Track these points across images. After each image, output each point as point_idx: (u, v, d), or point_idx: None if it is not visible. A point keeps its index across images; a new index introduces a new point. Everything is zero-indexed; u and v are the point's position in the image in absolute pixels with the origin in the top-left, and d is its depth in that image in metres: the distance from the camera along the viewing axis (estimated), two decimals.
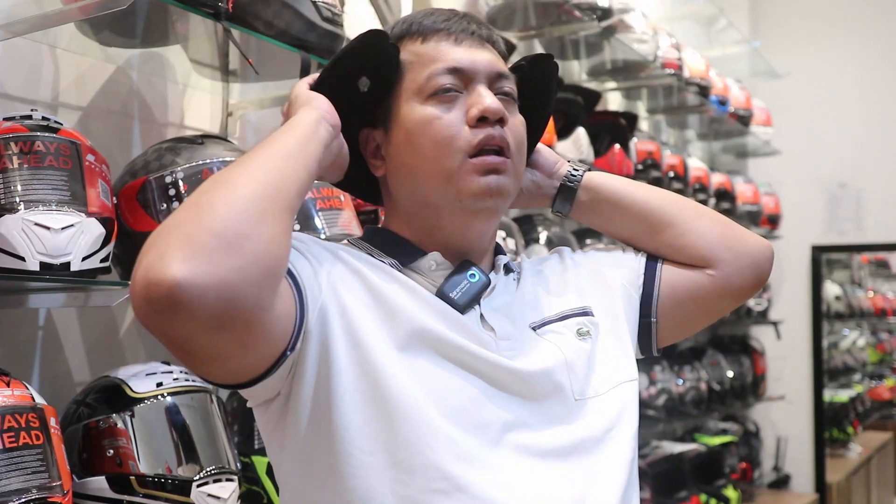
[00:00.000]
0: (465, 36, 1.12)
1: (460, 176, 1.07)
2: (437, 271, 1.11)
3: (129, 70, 1.92)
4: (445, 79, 1.09)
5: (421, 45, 1.12)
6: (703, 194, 4.02)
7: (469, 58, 1.11)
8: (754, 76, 5.16)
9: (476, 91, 1.09)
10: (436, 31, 1.12)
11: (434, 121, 1.08)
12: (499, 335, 1.09)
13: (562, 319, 1.16)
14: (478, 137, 1.07)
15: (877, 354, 8.39)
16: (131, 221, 1.56)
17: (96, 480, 1.48)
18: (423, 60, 1.11)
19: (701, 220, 1.26)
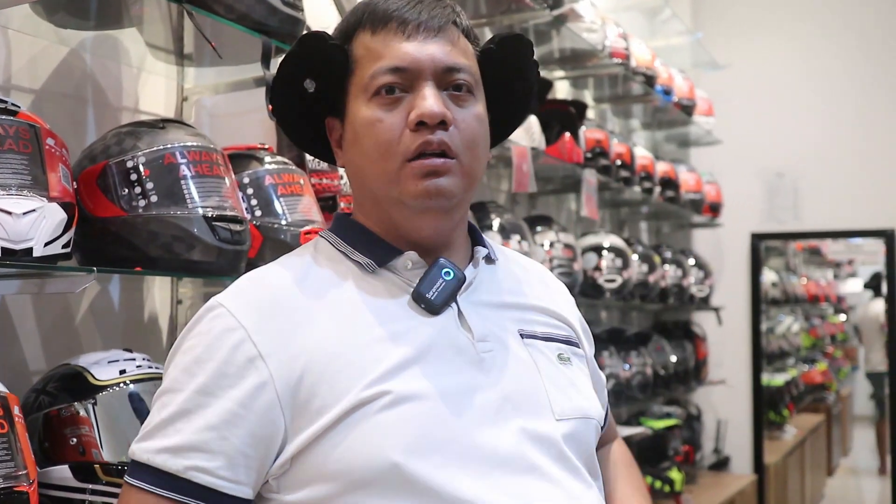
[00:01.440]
0: (414, 28, 1.07)
1: (400, 179, 1.06)
2: (412, 270, 1.10)
3: (83, 53, 1.88)
4: (387, 78, 1.06)
5: (371, 38, 1.09)
6: (649, 182, 4.08)
7: (414, 55, 1.06)
8: (696, 67, 5.26)
9: (419, 92, 1.06)
10: (386, 23, 1.08)
11: (375, 123, 1.07)
12: (476, 336, 1.09)
13: (546, 340, 1.16)
14: (416, 143, 1.05)
15: (809, 339, 8.65)
16: (91, 207, 1.54)
17: (59, 469, 1.45)
18: (370, 56, 1.08)
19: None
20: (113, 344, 1.89)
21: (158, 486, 0.99)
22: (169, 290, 2.06)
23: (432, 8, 1.09)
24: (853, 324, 10.67)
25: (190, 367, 1.03)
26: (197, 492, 0.98)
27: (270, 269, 1.14)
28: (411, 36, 1.07)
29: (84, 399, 1.49)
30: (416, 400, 1.01)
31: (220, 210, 1.57)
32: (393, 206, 1.09)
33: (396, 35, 1.07)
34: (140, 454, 1.01)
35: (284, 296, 1.07)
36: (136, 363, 1.56)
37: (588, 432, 1.13)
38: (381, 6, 1.10)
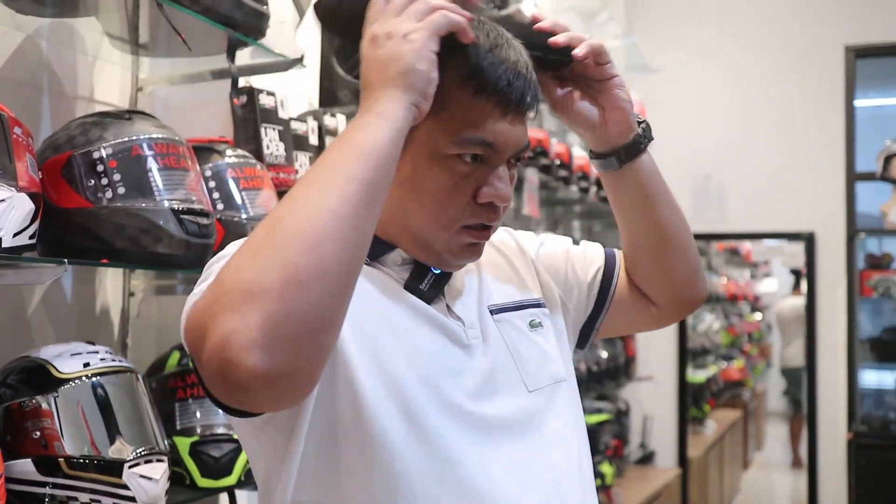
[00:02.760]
0: (513, 108, 1.05)
1: (449, 237, 1.09)
2: (401, 266, 1.13)
3: (39, 40, 1.85)
4: (476, 149, 1.05)
5: (471, 98, 1.04)
6: (585, 182, 4.16)
7: (507, 135, 1.06)
8: (629, 70, 5.37)
9: (496, 171, 1.07)
10: (491, 94, 1.04)
11: (448, 188, 1.06)
12: (466, 324, 1.14)
13: (518, 309, 1.21)
14: (479, 217, 1.08)
15: (728, 337, 8.91)
16: (56, 198, 1.51)
17: (21, 463, 1.43)
18: (465, 117, 1.05)
19: (692, 253, 1.31)
20: (65, 336, 1.86)
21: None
22: (121, 282, 2.04)
23: (529, 76, 1.07)
24: (768, 322, 11.04)
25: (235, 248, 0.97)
26: None
27: None
28: (509, 116, 1.05)
29: (47, 392, 1.47)
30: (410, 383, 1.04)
31: (188, 203, 1.57)
32: (424, 247, 1.11)
33: (496, 110, 1.05)
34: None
35: None
36: (100, 356, 1.54)
37: (563, 394, 1.19)
38: (486, 65, 1.03)
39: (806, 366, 5.50)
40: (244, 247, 0.86)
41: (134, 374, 1.58)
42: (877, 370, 5.38)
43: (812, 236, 5.39)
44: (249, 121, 2.01)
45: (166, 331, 2.14)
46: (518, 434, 1.11)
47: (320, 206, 0.85)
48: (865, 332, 5.27)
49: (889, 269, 5.14)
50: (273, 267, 0.82)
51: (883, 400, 5.31)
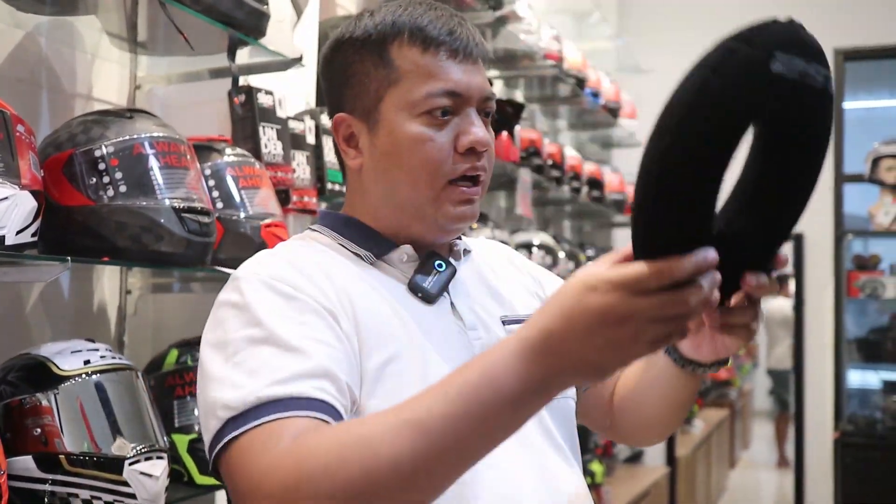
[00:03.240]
0: (464, 55, 1.10)
1: (440, 199, 1.11)
2: (407, 263, 1.14)
3: (39, 37, 1.85)
4: (443, 101, 1.09)
5: (420, 55, 1.09)
6: (577, 182, 4.19)
7: (467, 81, 1.10)
8: (620, 71, 5.40)
9: (468, 118, 1.10)
10: (438, 45, 1.09)
11: (426, 142, 1.09)
12: (467, 325, 1.14)
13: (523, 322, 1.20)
14: (463, 167, 1.10)
15: None
16: (57, 196, 1.52)
17: (22, 460, 1.44)
18: (422, 74, 1.09)
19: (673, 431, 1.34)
20: (63, 333, 1.87)
21: (277, 411, 0.89)
22: (118, 280, 2.04)
23: (475, 37, 1.13)
24: None
25: (244, 317, 0.98)
26: (323, 407, 0.92)
27: (279, 248, 1.15)
28: (462, 62, 1.10)
29: (48, 389, 1.47)
30: (420, 382, 1.02)
31: (189, 202, 1.57)
32: (421, 219, 1.12)
33: (450, 59, 1.09)
34: (245, 400, 0.91)
35: (303, 265, 1.06)
36: (100, 353, 1.55)
37: (565, 411, 1.20)
38: (425, 24, 1.10)
39: (794, 365, 5.54)
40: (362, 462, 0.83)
41: (133, 371, 1.59)
42: (863, 370, 5.43)
43: (800, 237, 5.43)
44: (248, 120, 2.02)
45: (163, 329, 2.14)
46: (525, 444, 1.09)
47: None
48: (852, 333, 5.32)
49: (876, 270, 5.18)
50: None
51: (869, 400, 5.35)
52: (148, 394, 1.60)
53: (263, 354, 0.94)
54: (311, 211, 2.19)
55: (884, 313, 5.32)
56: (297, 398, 0.90)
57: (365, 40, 1.12)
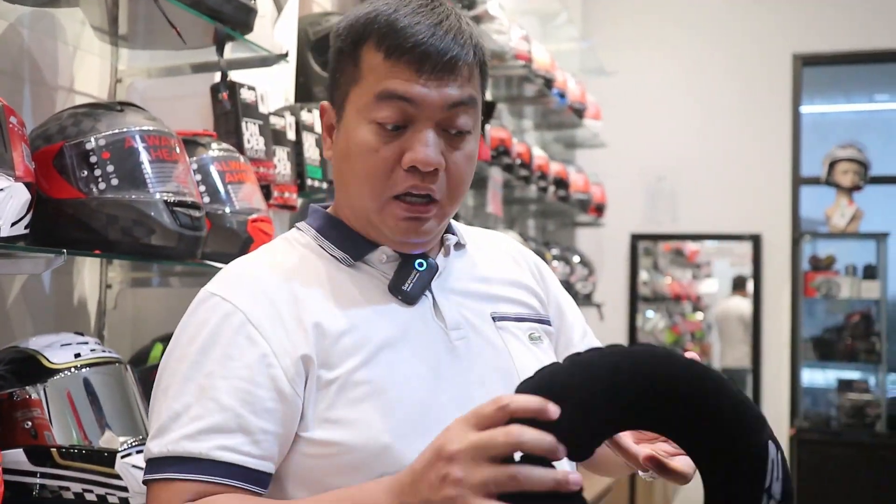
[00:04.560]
0: (429, 67, 1.04)
1: (384, 211, 1.08)
2: (387, 263, 1.13)
3: (21, 28, 1.83)
4: (391, 108, 1.05)
5: (382, 61, 1.05)
6: (544, 181, 4.23)
7: (421, 94, 1.04)
8: (584, 72, 5.46)
9: (419, 134, 1.05)
10: (400, 54, 1.04)
11: (371, 152, 1.06)
12: (449, 325, 1.12)
13: (518, 321, 1.20)
14: (405, 184, 1.06)
15: (672, 336, 9.06)
16: (47, 188, 1.51)
17: (13, 453, 1.43)
18: (377, 77, 1.05)
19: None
20: (44, 327, 1.86)
21: (183, 471, 0.99)
22: (98, 274, 2.03)
23: (452, 39, 1.05)
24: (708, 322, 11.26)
25: (191, 356, 1.04)
26: (222, 470, 0.99)
27: (254, 258, 1.15)
28: (425, 75, 1.04)
29: (38, 382, 1.46)
30: (395, 387, 1.05)
31: (180, 196, 1.57)
32: (371, 224, 1.11)
33: (410, 69, 1.04)
34: (159, 449, 1.01)
35: (272, 283, 1.09)
36: (90, 347, 1.54)
37: None
38: (398, 28, 1.05)
39: (751, 363, 5.65)
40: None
41: (123, 364, 1.58)
42: (819, 369, 5.56)
43: (758, 238, 5.54)
44: (231, 115, 2.01)
45: (142, 323, 2.13)
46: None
47: None
48: (808, 332, 5.44)
49: (831, 270, 5.30)
50: None
51: (824, 397, 5.48)
52: (137, 387, 1.59)
53: (187, 397, 1.02)
54: (292, 207, 2.20)
55: (838, 313, 5.46)
56: (199, 459, 0.99)
57: (346, 35, 1.10)
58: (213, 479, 0.99)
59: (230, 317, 1.05)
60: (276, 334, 1.04)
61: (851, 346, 5.28)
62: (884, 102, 6.86)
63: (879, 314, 5.26)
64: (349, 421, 1.03)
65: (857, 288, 5.22)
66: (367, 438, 1.03)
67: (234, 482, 0.99)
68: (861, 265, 5.26)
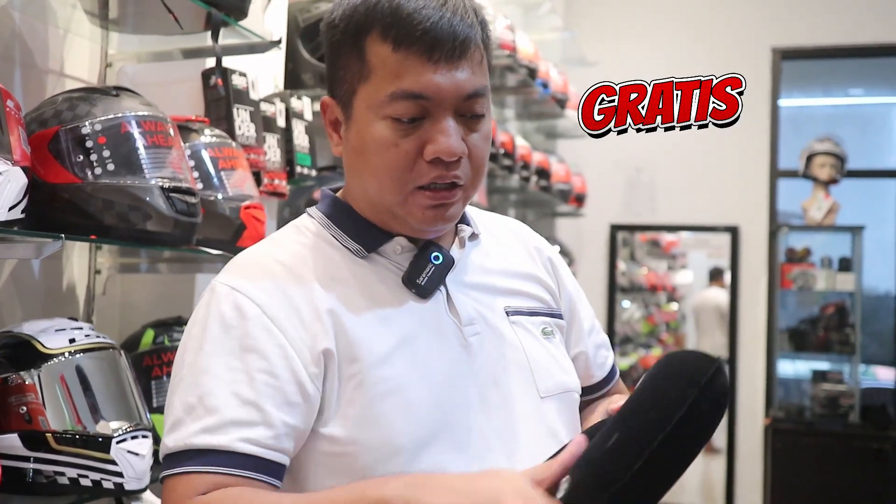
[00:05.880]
0: (441, 53, 1.01)
1: (408, 202, 1.06)
2: (401, 255, 1.11)
3: (13, 11, 1.82)
4: (407, 106, 1.02)
5: (391, 53, 1.02)
6: (526, 171, 4.24)
7: (438, 83, 1.01)
8: (566, 63, 5.47)
9: (438, 124, 1.03)
10: (411, 43, 1.01)
11: (390, 148, 1.03)
12: (463, 321, 1.11)
13: (532, 315, 1.19)
14: (430, 175, 1.04)
15: (648, 326, 9.14)
16: (42, 173, 1.50)
17: (8, 438, 1.43)
18: (389, 73, 1.02)
19: None
20: (33, 312, 1.85)
21: (204, 464, 0.97)
22: (87, 260, 2.02)
23: (459, 20, 1.02)
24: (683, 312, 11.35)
25: (208, 348, 1.02)
26: (243, 462, 0.98)
27: (265, 248, 1.13)
28: (438, 62, 1.01)
29: (33, 367, 1.46)
30: (410, 386, 1.04)
31: (175, 182, 1.57)
32: (392, 215, 1.10)
33: (422, 59, 1.01)
34: (175, 443, 0.99)
35: (285, 275, 1.07)
36: (84, 332, 1.54)
37: (571, 405, 1.19)
38: (403, 16, 1.01)
39: (728, 353, 5.71)
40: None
41: (117, 350, 1.58)
42: (793, 359, 5.63)
43: (736, 230, 5.60)
44: (222, 101, 2.01)
45: (130, 308, 2.13)
46: (528, 439, 1.09)
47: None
48: (784, 323, 5.50)
49: (807, 262, 5.36)
50: None
51: (798, 387, 5.56)
52: (131, 372, 1.59)
53: (201, 389, 1.00)
54: (281, 194, 2.19)
55: (814, 305, 5.53)
56: (219, 451, 0.97)
57: (345, 27, 1.06)
58: (234, 472, 0.97)
59: (244, 309, 1.03)
60: (292, 326, 1.03)
61: (826, 337, 5.35)
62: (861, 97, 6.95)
63: (854, 306, 5.33)
64: (368, 420, 1.02)
65: (832, 280, 5.28)
66: (384, 440, 1.03)
67: (254, 474, 0.98)
68: (836, 258, 5.33)
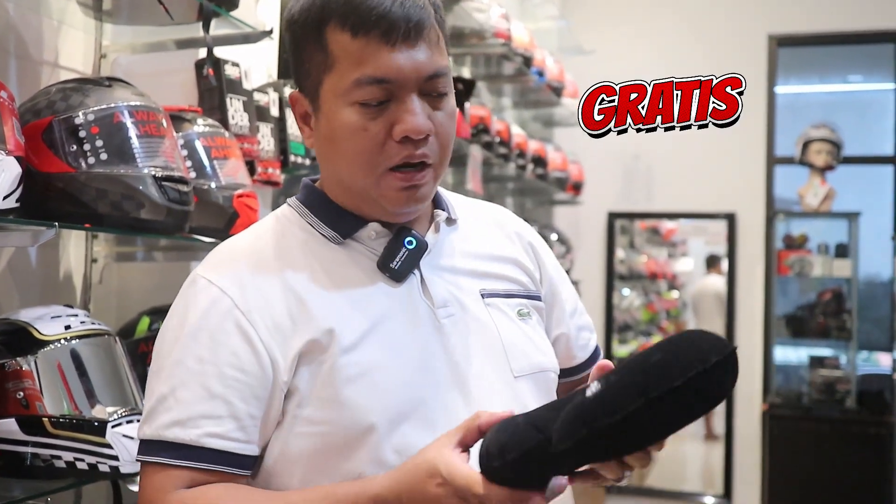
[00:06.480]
0: (399, 34, 1.05)
1: (380, 185, 1.10)
2: (376, 240, 1.15)
3: (7, 2, 1.84)
4: (372, 90, 1.06)
5: (351, 40, 1.05)
6: (522, 160, 4.26)
7: (399, 66, 1.05)
8: (562, 51, 5.48)
9: (404, 104, 1.07)
10: (369, 29, 1.04)
11: (359, 132, 1.07)
12: (436, 303, 1.14)
13: (507, 297, 1.22)
14: (400, 155, 1.08)
15: (648, 314, 9.17)
16: (36, 162, 1.52)
17: (5, 423, 1.46)
18: (351, 60, 1.06)
19: None
20: (30, 300, 1.87)
21: (175, 458, 1.04)
22: (84, 248, 2.05)
23: (411, 3, 1.06)
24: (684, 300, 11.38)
25: (181, 339, 1.07)
26: (212, 457, 1.04)
27: (244, 240, 1.17)
28: (396, 44, 1.05)
29: (29, 353, 1.49)
30: (383, 367, 1.08)
31: (168, 170, 1.59)
32: (368, 201, 1.13)
33: (380, 42, 1.05)
34: (151, 431, 1.05)
35: (262, 265, 1.11)
36: (80, 319, 1.57)
37: (547, 384, 1.22)
38: (357, 3, 1.05)
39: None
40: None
41: (112, 336, 1.61)
42: (791, 346, 5.66)
43: (733, 217, 5.62)
44: (215, 91, 2.03)
45: (127, 296, 2.15)
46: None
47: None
48: (781, 310, 5.53)
49: (804, 249, 5.39)
50: None
51: (796, 373, 5.58)
52: (127, 358, 1.62)
53: (174, 380, 1.06)
54: (275, 183, 2.22)
55: (811, 291, 5.55)
56: (189, 446, 1.04)
57: (304, 21, 1.09)
58: (202, 466, 1.04)
59: (218, 302, 1.08)
60: (263, 319, 1.07)
61: (823, 323, 5.37)
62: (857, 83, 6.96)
63: (851, 292, 5.35)
64: (339, 401, 1.06)
65: (829, 266, 5.31)
66: (355, 418, 1.06)
67: (223, 468, 1.05)
68: (833, 244, 5.35)
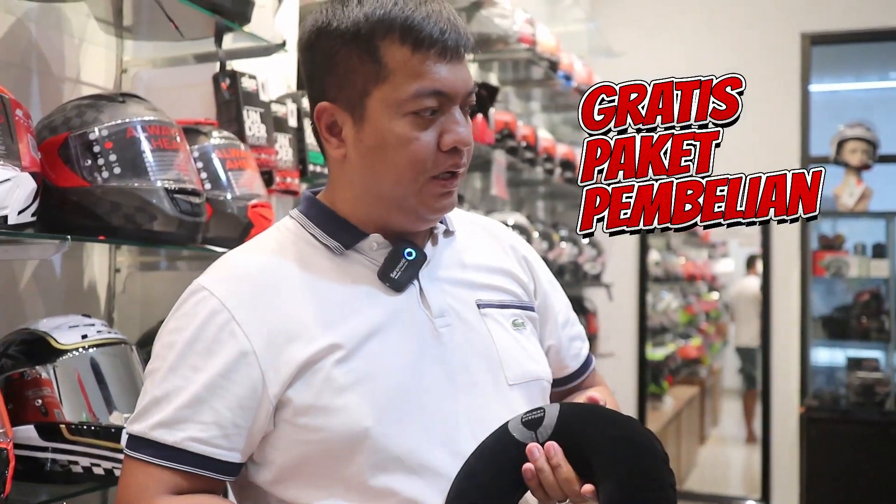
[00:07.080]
0: (452, 53, 1.12)
1: (422, 193, 1.15)
2: (377, 251, 1.19)
3: (28, 22, 1.90)
4: (430, 101, 1.12)
5: (411, 55, 1.11)
6: (550, 164, 4.27)
7: (453, 80, 1.13)
8: (592, 54, 5.48)
9: (452, 116, 1.14)
10: (430, 46, 1.11)
11: (412, 141, 1.12)
12: (434, 313, 1.19)
13: (502, 308, 1.26)
14: (446, 164, 1.14)
15: (686, 316, 9.11)
16: (53, 177, 1.58)
17: (24, 429, 1.51)
18: (410, 74, 1.11)
19: None
20: (55, 310, 1.93)
21: (158, 457, 1.08)
22: (108, 258, 2.10)
23: (462, 31, 1.14)
24: (724, 301, 11.28)
25: (178, 346, 1.11)
26: (194, 460, 1.09)
27: (246, 252, 1.21)
28: (450, 62, 1.13)
29: (47, 362, 1.54)
30: (379, 374, 1.12)
31: (180, 183, 1.64)
32: (402, 210, 1.17)
33: (439, 58, 1.12)
34: (139, 429, 1.10)
35: (262, 278, 1.15)
36: (97, 328, 1.62)
37: (540, 392, 1.25)
38: (418, 21, 1.11)
39: (761, 343, 5.68)
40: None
41: (128, 345, 1.66)
42: (828, 347, 5.58)
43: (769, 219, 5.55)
44: (232, 103, 2.08)
45: (150, 305, 2.21)
46: (495, 424, 1.14)
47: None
48: (818, 311, 5.46)
49: (841, 249, 5.32)
50: None
51: (833, 375, 5.51)
52: (142, 367, 1.67)
53: (167, 385, 1.10)
54: (294, 192, 2.26)
55: (848, 292, 5.47)
56: (172, 448, 1.08)
57: (355, 33, 1.12)
58: (183, 468, 1.08)
59: (216, 314, 1.12)
60: (259, 333, 1.11)
61: (861, 324, 5.29)
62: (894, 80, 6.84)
63: (889, 293, 5.27)
64: (335, 408, 1.10)
65: (866, 267, 5.23)
66: (350, 423, 1.10)
67: (204, 472, 1.09)
68: (870, 244, 5.27)
